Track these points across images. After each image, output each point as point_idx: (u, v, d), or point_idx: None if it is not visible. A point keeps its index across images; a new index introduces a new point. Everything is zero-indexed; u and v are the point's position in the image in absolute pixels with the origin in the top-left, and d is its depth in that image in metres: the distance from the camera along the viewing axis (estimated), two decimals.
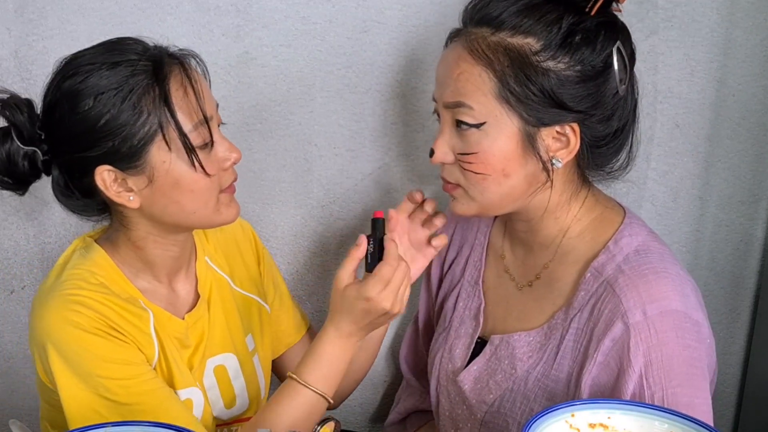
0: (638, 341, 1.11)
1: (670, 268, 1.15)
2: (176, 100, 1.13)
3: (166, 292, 1.27)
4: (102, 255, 1.22)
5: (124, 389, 1.15)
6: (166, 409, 1.17)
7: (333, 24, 1.49)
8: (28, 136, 1.15)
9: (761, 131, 1.53)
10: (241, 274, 1.39)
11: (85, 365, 1.15)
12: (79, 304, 1.16)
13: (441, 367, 1.35)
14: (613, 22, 1.15)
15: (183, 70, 1.15)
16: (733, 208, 1.58)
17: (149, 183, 1.15)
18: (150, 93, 1.12)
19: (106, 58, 1.14)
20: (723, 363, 1.67)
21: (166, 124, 1.13)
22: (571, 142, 1.15)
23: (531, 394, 1.22)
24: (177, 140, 1.14)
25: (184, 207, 1.17)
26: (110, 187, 1.15)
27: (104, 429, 0.97)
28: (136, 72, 1.12)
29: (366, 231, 1.27)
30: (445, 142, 1.18)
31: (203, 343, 1.29)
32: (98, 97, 1.11)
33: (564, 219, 1.22)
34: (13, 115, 1.15)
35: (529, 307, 1.26)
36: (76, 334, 1.14)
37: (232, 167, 1.21)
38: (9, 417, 1.23)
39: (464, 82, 1.14)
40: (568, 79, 1.12)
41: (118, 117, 1.11)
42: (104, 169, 1.14)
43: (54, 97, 1.15)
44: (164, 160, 1.14)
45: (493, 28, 1.13)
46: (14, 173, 1.16)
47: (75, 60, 1.16)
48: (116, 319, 1.17)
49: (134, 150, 1.13)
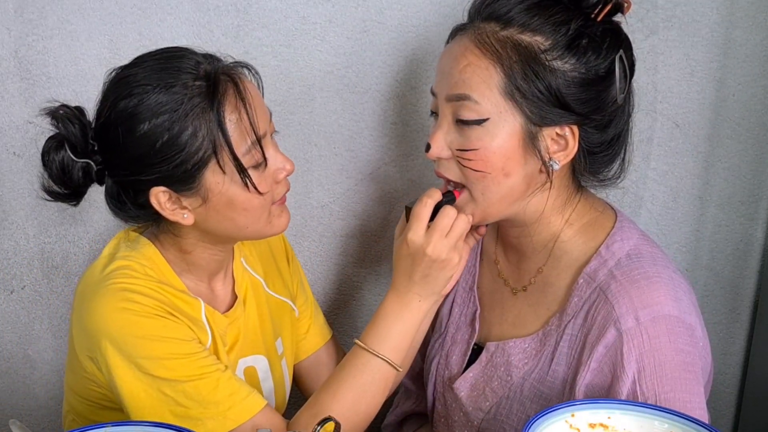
0: (631, 347, 1.11)
1: (663, 271, 1.15)
2: (230, 124, 1.12)
3: (206, 291, 1.27)
4: (151, 248, 1.22)
5: (183, 367, 1.14)
6: (227, 380, 1.16)
7: (333, 24, 1.49)
8: (81, 149, 1.15)
9: (761, 131, 1.53)
10: (274, 277, 1.39)
11: (142, 353, 1.13)
12: (132, 292, 1.15)
13: (437, 374, 1.35)
14: (617, 31, 1.16)
15: (237, 91, 1.14)
16: (733, 208, 1.58)
17: (203, 203, 1.16)
18: (204, 117, 1.11)
19: (161, 78, 1.12)
20: (723, 363, 1.67)
21: (220, 148, 1.12)
22: (569, 144, 1.15)
23: (527, 401, 1.22)
24: (230, 164, 1.13)
25: (237, 223, 1.18)
26: (165, 206, 1.16)
27: (104, 429, 0.97)
28: (191, 95, 1.11)
29: (366, 231, 1.27)
30: (442, 136, 1.17)
31: (238, 342, 1.29)
32: (153, 120, 1.10)
33: (557, 223, 1.22)
34: (65, 127, 1.14)
35: (524, 312, 1.26)
36: (132, 320, 1.14)
37: (285, 179, 1.21)
38: (9, 417, 1.23)
39: (470, 74, 1.13)
40: (574, 80, 1.12)
41: (173, 141, 1.11)
42: (159, 190, 1.14)
43: (108, 118, 1.14)
44: (218, 182, 1.14)
45: (502, 24, 1.13)
46: (69, 183, 1.16)
47: (128, 78, 1.14)
48: (171, 304, 1.18)
49: (189, 174, 1.13)
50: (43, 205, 1.57)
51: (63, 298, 1.62)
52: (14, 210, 1.57)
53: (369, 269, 1.65)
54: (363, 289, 1.67)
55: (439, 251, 1.17)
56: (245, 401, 1.16)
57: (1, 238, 1.59)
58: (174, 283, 1.22)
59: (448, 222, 1.17)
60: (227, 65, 1.17)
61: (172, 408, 1.14)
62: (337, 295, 1.67)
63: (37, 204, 1.56)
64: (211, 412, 1.14)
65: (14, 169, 1.54)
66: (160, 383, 1.14)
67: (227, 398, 1.15)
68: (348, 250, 1.63)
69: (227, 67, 1.17)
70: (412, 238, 1.17)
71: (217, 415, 1.14)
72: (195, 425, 1.13)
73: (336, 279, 1.66)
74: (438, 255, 1.17)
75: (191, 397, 1.14)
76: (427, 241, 1.17)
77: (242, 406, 1.16)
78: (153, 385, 1.14)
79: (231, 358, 1.27)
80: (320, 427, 1.07)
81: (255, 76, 1.21)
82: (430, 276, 1.19)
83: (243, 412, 1.15)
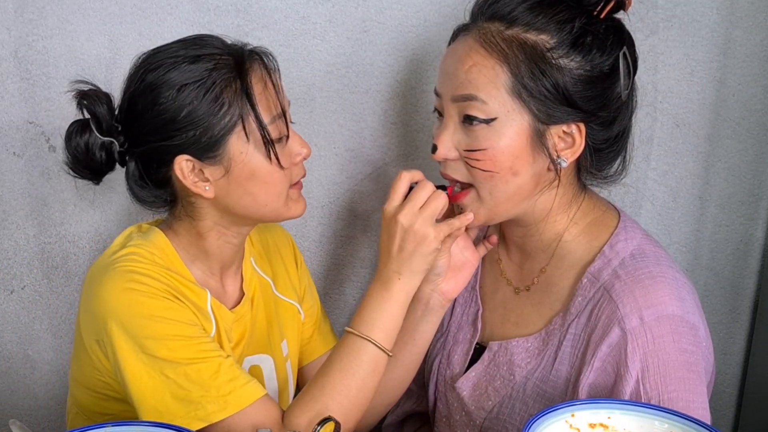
0: (635, 347, 1.11)
1: (666, 271, 1.15)
2: (257, 93, 1.17)
3: (216, 285, 1.28)
4: (161, 237, 1.24)
5: (185, 348, 1.15)
6: (229, 366, 1.17)
7: (333, 24, 1.49)
8: (107, 128, 1.19)
9: (761, 131, 1.53)
10: (284, 279, 1.40)
11: (146, 332, 1.14)
12: (139, 274, 1.17)
13: (439, 373, 1.35)
14: (620, 29, 1.16)
15: (263, 65, 1.19)
16: (733, 208, 1.58)
17: (225, 173, 1.18)
18: (231, 86, 1.16)
19: (188, 52, 1.17)
20: (723, 363, 1.67)
21: (246, 115, 1.16)
22: (576, 142, 1.15)
23: (529, 400, 1.22)
24: (256, 132, 1.17)
25: (257, 198, 1.20)
26: (188, 176, 1.18)
27: (104, 429, 0.97)
28: (218, 66, 1.16)
29: (366, 231, 1.27)
30: (449, 137, 1.17)
31: (244, 340, 1.29)
32: (181, 88, 1.15)
33: (562, 222, 1.22)
34: (93, 105, 1.18)
35: (526, 312, 1.26)
36: (137, 299, 1.15)
37: (301, 163, 1.24)
38: (9, 417, 1.23)
39: (476, 74, 1.13)
40: (580, 78, 1.12)
41: (200, 108, 1.15)
42: (183, 158, 1.17)
43: (137, 89, 1.18)
44: (242, 150, 1.17)
45: (507, 24, 1.13)
46: (91, 164, 1.20)
47: (157, 54, 1.18)
48: (176, 289, 1.19)
49: (214, 140, 1.16)
50: (43, 205, 1.57)
51: (63, 298, 1.62)
52: (14, 210, 1.57)
53: (369, 269, 1.65)
54: (363, 289, 1.67)
55: (410, 220, 1.16)
56: (245, 387, 1.16)
57: (1, 238, 1.59)
58: (182, 272, 1.23)
59: (423, 195, 1.17)
60: (254, 47, 1.22)
61: (174, 390, 1.14)
62: (338, 295, 1.67)
63: (37, 204, 1.56)
64: (212, 395, 1.14)
65: (14, 169, 1.54)
66: (162, 365, 1.14)
67: (228, 383, 1.15)
68: (348, 250, 1.63)
69: (254, 48, 1.21)
70: (386, 208, 1.18)
71: (217, 398, 1.14)
72: (195, 408, 1.14)
73: (336, 279, 1.66)
74: (410, 224, 1.16)
75: (192, 380, 1.14)
76: (399, 209, 1.17)
77: (242, 392, 1.16)
78: (155, 366, 1.14)
79: (236, 354, 1.28)
80: (320, 427, 1.07)
81: (274, 62, 1.23)
82: (405, 250, 1.17)
83: (243, 398, 1.16)
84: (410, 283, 1.20)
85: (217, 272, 1.28)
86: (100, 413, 1.25)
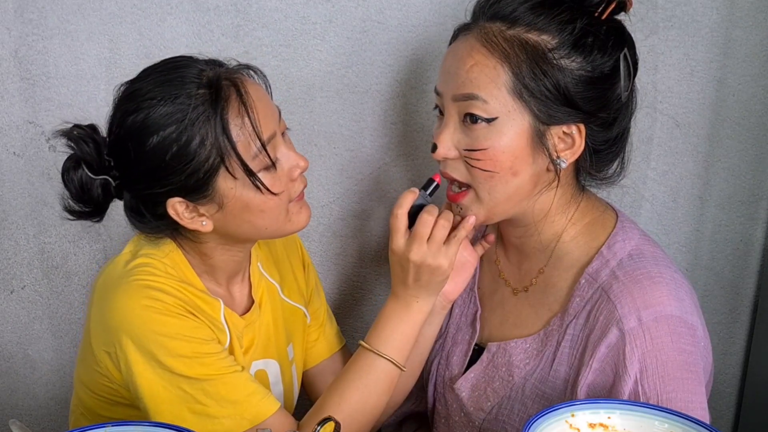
0: (633, 347, 1.11)
1: (665, 271, 1.15)
2: (234, 129, 1.13)
3: (224, 293, 1.28)
4: (173, 248, 1.23)
5: (203, 366, 1.15)
6: (245, 381, 1.18)
7: (333, 24, 1.49)
8: (98, 167, 1.16)
9: (761, 131, 1.53)
10: (290, 283, 1.39)
11: (164, 350, 1.14)
12: (155, 290, 1.16)
13: (438, 374, 1.35)
14: (621, 30, 1.16)
15: (239, 96, 1.14)
16: (733, 208, 1.58)
17: (219, 209, 1.17)
18: (210, 124, 1.12)
19: (165, 90, 1.13)
20: (723, 363, 1.67)
21: (227, 154, 1.13)
22: (576, 142, 1.15)
23: (528, 401, 1.22)
24: (239, 169, 1.14)
25: (255, 225, 1.19)
26: (183, 216, 1.17)
27: (104, 429, 0.97)
28: (195, 104, 1.12)
29: (366, 231, 1.27)
30: (449, 136, 1.17)
31: (253, 345, 1.29)
32: (161, 133, 1.12)
33: (560, 223, 1.22)
34: (79, 148, 1.16)
35: (525, 313, 1.26)
36: (154, 318, 1.14)
37: (300, 175, 1.22)
38: (9, 417, 1.23)
39: (477, 73, 1.13)
40: (581, 78, 1.12)
41: (182, 152, 1.12)
42: (175, 201, 1.15)
43: (118, 134, 1.15)
44: (231, 187, 1.15)
45: (508, 24, 1.13)
46: (90, 200, 1.17)
47: (134, 93, 1.15)
48: (192, 303, 1.19)
49: (201, 182, 1.14)
50: (43, 205, 1.57)
51: (63, 298, 1.62)
52: (14, 210, 1.57)
53: (369, 269, 1.65)
54: (363, 289, 1.67)
55: (422, 257, 1.18)
56: (261, 402, 1.18)
57: (1, 238, 1.59)
58: (195, 283, 1.23)
59: (425, 230, 1.18)
60: (230, 69, 1.18)
61: (191, 405, 1.15)
62: (337, 295, 1.67)
63: (37, 204, 1.56)
64: (229, 411, 1.15)
65: (14, 169, 1.54)
66: (179, 380, 1.14)
67: (245, 399, 1.16)
68: (348, 250, 1.63)
69: (229, 72, 1.17)
70: (394, 248, 1.20)
71: (234, 414, 1.15)
72: (212, 423, 1.14)
73: (336, 279, 1.66)
74: (422, 260, 1.18)
75: (210, 396, 1.15)
76: (409, 248, 1.18)
77: (259, 407, 1.17)
78: (173, 381, 1.14)
79: (245, 359, 1.28)
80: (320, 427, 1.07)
81: (260, 77, 1.21)
82: (421, 280, 1.20)
83: (259, 413, 1.17)
84: (427, 304, 1.23)
85: (224, 282, 1.28)
86: (107, 417, 1.25)
